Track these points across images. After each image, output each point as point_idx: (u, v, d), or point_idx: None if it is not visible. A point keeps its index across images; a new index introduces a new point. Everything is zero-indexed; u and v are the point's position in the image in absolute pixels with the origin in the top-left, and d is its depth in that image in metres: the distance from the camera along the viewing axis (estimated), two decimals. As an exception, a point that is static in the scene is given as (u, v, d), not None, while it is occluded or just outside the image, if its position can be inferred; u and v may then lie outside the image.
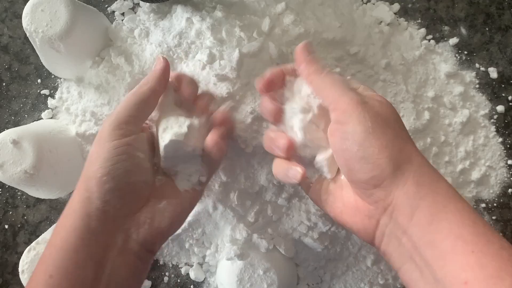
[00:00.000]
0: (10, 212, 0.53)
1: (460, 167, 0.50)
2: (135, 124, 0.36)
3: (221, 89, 0.42)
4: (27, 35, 0.45)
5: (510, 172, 0.52)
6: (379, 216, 0.31)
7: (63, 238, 0.32)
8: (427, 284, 0.28)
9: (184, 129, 0.36)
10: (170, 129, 0.37)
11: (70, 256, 0.31)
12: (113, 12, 0.53)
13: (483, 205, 0.51)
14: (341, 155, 0.32)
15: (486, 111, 0.52)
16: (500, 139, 0.52)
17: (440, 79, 0.52)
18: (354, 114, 0.31)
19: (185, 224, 0.48)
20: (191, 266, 0.50)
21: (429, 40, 0.53)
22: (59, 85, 0.53)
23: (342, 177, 0.34)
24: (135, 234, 0.34)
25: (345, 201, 0.33)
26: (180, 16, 0.47)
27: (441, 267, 0.27)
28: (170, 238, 0.48)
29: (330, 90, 0.33)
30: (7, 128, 0.46)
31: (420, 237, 0.28)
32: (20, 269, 0.46)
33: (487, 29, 0.54)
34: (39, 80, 0.54)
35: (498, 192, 0.52)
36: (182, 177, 0.38)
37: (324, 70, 0.34)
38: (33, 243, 0.47)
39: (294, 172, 0.34)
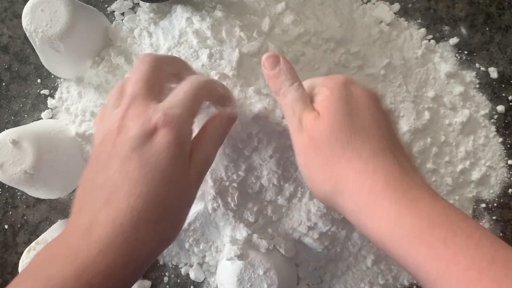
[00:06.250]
0: (10, 212, 0.53)
1: (460, 167, 0.50)
2: None
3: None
4: (27, 35, 0.45)
5: (511, 172, 0.52)
6: None
7: None
8: None
9: None
10: None
11: None
12: (113, 12, 0.53)
13: (483, 205, 0.51)
14: None
15: (486, 111, 0.52)
16: (500, 139, 0.52)
17: (440, 79, 0.52)
18: (295, 148, 0.34)
19: (185, 225, 0.47)
20: (191, 266, 0.50)
21: (429, 40, 0.53)
22: (59, 85, 0.53)
23: None
24: None
25: None
26: (180, 16, 0.47)
27: None
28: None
29: (286, 115, 0.36)
30: (7, 128, 0.46)
31: None
32: (19, 269, 0.46)
33: (487, 29, 0.53)
34: (39, 80, 0.54)
35: (498, 192, 0.52)
36: None
37: (282, 89, 0.35)
38: (33, 243, 0.46)
39: None
